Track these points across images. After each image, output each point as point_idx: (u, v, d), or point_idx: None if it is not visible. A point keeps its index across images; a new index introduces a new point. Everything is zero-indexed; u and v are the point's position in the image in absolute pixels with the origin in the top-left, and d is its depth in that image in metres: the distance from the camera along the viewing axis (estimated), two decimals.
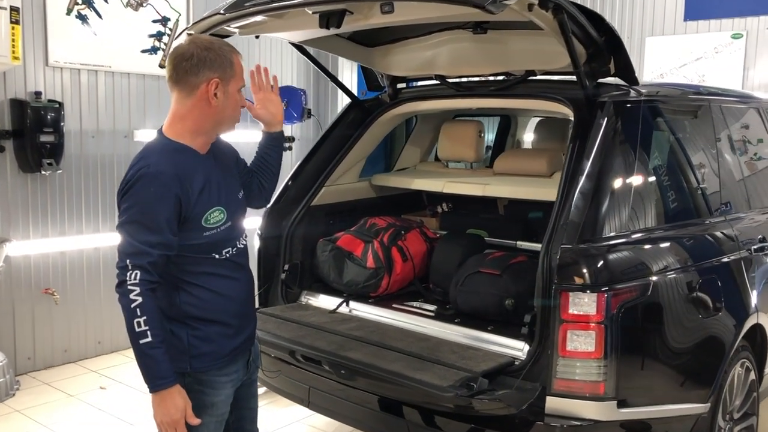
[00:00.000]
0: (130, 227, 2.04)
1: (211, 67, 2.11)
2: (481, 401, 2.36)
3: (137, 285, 1.99)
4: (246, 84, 2.26)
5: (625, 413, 2.50)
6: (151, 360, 2.02)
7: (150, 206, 2.04)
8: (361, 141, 3.61)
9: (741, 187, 3.51)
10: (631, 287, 2.52)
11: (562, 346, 2.43)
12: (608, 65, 2.86)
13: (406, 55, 3.39)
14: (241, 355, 2.31)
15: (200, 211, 2.12)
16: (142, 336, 1.99)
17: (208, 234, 2.15)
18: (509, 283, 2.91)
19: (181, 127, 2.17)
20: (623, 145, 2.77)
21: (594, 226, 2.57)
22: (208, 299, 2.18)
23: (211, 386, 2.23)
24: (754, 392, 3.29)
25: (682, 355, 2.73)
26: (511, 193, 3.37)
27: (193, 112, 2.15)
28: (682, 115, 3.21)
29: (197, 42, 2.15)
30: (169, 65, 2.15)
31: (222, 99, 2.14)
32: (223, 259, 2.21)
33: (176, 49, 2.16)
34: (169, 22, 5.43)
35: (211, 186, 2.16)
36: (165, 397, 2.05)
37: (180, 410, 2.06)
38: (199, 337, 2.18)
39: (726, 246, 3.09)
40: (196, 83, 2.11)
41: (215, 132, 2.25)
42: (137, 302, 1.99)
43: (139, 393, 4.50)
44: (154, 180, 2.04)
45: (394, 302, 3.25)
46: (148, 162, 2.09)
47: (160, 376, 2.03)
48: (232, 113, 2.22)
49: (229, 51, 2.17)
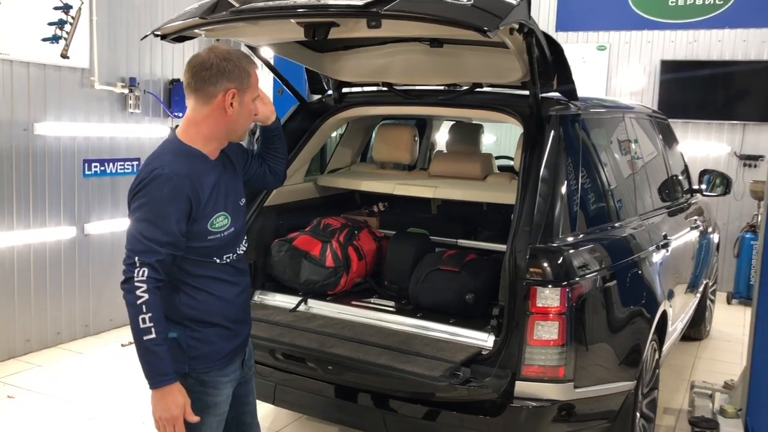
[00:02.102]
0: (141, 225, 2.09)
1: (230, 77, 2.17)
2: (470, 388, 2.60)
3: (144, 282, 2.04)
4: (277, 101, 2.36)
5: (579, 392, 2.84)
6: (154, 356, 2.06)
7: (161, 206, 2.09)
8: (309, 143, 3.71)
9: (648, 190, 4.01)
10: (584, 282, 2.86)
11: (530, 335, 2.72)
12: (552, 81, 3.19)
13: (358, 62, 3.54)
14: (237, 357, 2.39)
15: (208, 213, 2.19)
16: (146, 332, 2.03)
17: (212, 238, 2.22)
18: (468, 279, 3.17)
19: (195, 133, 2.22)
20: (568, 154, 3.10)
21: (551, 228, 2.87)
22: (208, 302, 2.25)
23: (214, 386, 2.29)
24: (657, 369, 3.79)
25: (619, 339, 3.12)
26: (461, 195, 3.62)
27: (208, 119, 2.21)
28: (608, 127, 3.62)
29: (216, 52, 2.20)
30: (188, 73, 2.20)
31: (237, 108, 2.21)
32: (223, 264, 2.28)
33: (195, 58, 2.21)
34: (71, 9, 5.18)
35: (219, 191, 2.23)
36: (165, 393, 2.10)
37: (179, 407, 2.11)
38: (198, 339, 2.24)
39: (644, 243, 3.53)
40: (213, 92, 2.17)
41: (227, 139, 2.31)
42: (143, 299, 2.03)
43: (51, 399, 4.34)
44: (167, 181, 2.10)
45: (351, 299, 3.40)
46: (162, 163, 2.14)
47: (162, 373, 2.09)
48: (245, 122, 2.29)
49: (248, 63, 2.24)
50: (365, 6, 2.34)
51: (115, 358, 5.12)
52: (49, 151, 5.13)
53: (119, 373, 4.81)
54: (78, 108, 5.31)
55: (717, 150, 7.81)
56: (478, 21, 2.25)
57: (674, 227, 4.25)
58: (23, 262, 5.00)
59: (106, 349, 5.30)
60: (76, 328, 5.46)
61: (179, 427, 2.13)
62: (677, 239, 4.21)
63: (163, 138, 2.35)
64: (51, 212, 5.17)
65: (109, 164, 5.60)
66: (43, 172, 5.09)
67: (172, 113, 6.00)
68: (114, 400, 4.38)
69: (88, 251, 5.50)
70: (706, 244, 5.31)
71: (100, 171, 5.53)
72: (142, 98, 5.74)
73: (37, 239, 5.07)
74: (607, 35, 8.36)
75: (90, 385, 4.61)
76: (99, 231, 5.54)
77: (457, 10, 2.29)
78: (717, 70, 7.74)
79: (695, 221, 4.97)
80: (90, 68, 5.34)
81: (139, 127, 5.78)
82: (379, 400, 2.89)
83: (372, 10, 2.33)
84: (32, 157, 5.00)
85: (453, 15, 2.29)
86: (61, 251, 5.28)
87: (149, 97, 5.84)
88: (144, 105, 5.79)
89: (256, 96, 2.30)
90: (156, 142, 5.79)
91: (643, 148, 4.14)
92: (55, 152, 5.17)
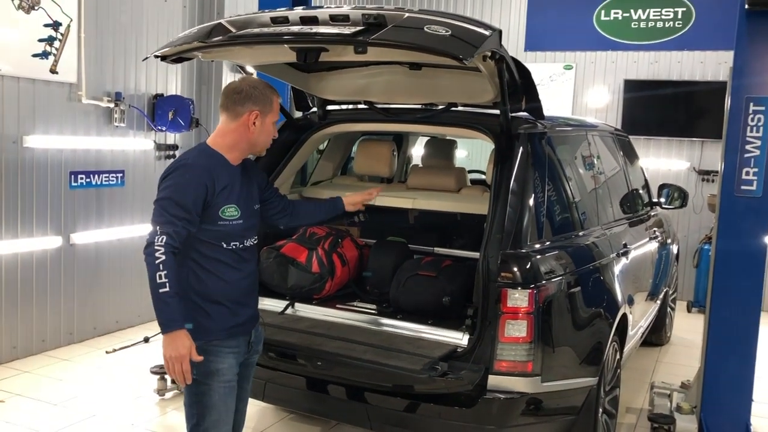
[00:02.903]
0: (165, 202, 2.52)
1: (255, 101, 2.63)
2: (447, 380, 2.85)
3: (162, 246, 2.44)
4: (281, 118, 2.74)
5: (546, 386, 3.10)
6: (167, 306, 2.43)
7: (183, 188, 2.53)
8: (295, 157, 3.96)
9: (609, 202, 4.32)
10: (550, 285, 3.14)
11: (502, 333, 2.99)
12: (521, 102, 3.48)
13: (342, 82, 3.80)
14: (241, 334, 2.73)
15: (220, 202, 2.59)
16: (162, 286, 2.41)
17: (221, 224, 2.61)
18: (445, 283, 3.42)
19: (222, 141, 2.69)
20: (536, 169, 3.39)
21: (520, 235, 3.15)
22: (211, 281, 2.63)
23: (215, 354, 2.63)
24: (619, 369, 4.08)
25: (582, 338, 3.40)
26: (438, 206, 3.88)
27: (234, 132, 2.66)
28: (572, 144, 3.92)
29: (247, 81, 2.68)
30: (223, 96, 2.69)
31: (259, 127, 2.67)
32: (229, 249, 2.65)
33: (230, 85, 2.71)
34: (60, 26, 5.36)
35: (233, 188, 2.63)
36: (175, 337, 2.45)
37: (187, 347, 2.46)
38: (201, 313, 2.61)
39: (606, 250, 3.83)
40: (240, 112, 2.64)
41: (248, 151, 2.73)
42: (161, 259, 2.42)
43: (41, 403, 4.49)
44: (190, 169, 2.58)
45: (336, 303, 3.64)
46: (188, 157, 2.66)
47: (173, 319, 2.45)
48: (265, 139, 2.75)
49: (271, 92, 2.69)
50: (355, 35, 2.61)
51: (101, 364, 5.27)
52: (37, 163, 5.29)
53: (106, 378, 4.97)
54: (65, 121, 5.48)
55: (677, 165, 8.22)
56: (456, 50, 2.53)
57: (634, 237, 4.57)
58: (10, 272, 5.14)
59: (91, 355, 5.45)
60: (60, 335, 5.60)
61: (186, 366, 2.47)
62: (637, 248, 4.52)
63: (146, 150, 2.80)
64: (38, 222, 5.32)
65: (94, 176, 5.76)
66: (31, 183, 5.25)
67: (155, 127, 6.19)
68: (103, 403, 4.54)
69: (74, 261, 5.65)
70: (665, 254, 5.64)
71: (86, 182, 5.70)
72: (127, 112, 5.92)
73: (25, 249, 5.21)
74: (574, 55, 8.75)
75: (78, 389, 4.76)
76: (84, 241, 5.70)
77: (437, 39, 2.56)
78: (677, 90, 8.16)
79: (655, 232, 5.30)
80: (78, 83, 5.52)
81: (123, 140, 5.96)
82: (363, 394, 3.13)
83: (360, 39, 2.59)
84: (21, 169, 5.16)
85: (434, 44, 2.57)
86: (47, 260, 5.42)
87: (134, 111, 6.03)
88: (129, 119, 5.97)
89: (276, 119, 2.71)
90: (140, 154, 6.10)
91: (605, 164, 4.46)
92: (43, 164, 5.33)
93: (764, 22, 3.76)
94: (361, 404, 3.14)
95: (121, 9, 5.86)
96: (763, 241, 3.90)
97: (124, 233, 6.03)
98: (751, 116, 3.83)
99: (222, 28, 2.98)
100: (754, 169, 3.84)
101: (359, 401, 3.15)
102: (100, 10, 5.68)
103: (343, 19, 2.73)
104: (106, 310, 5.99)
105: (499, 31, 2.77)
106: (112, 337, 5.91)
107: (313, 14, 2.80)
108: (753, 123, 3.83)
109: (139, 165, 6.13)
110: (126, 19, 5.92)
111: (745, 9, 3.74)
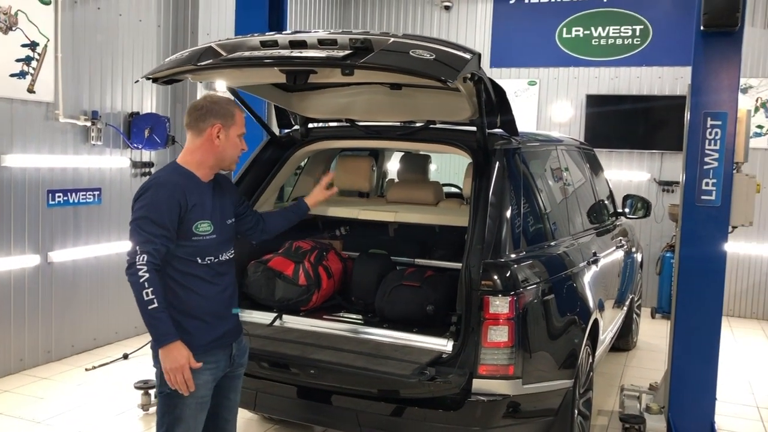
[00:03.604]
0: (141, 221, 2.59)
1: (216, 115, 2.72)
2: (436, 383, 3.00)
3: (145, 264, 2.51)
4: (246, 132, 2.78)
5: (526, 388, 3.27)
6: (158, 321, 2.52)
7: (158, 206, 2.60)
8: (279, 173, 4.08)
9: (578, 212, 4.53)
10: (528, 292, 3.31)
11: (485, 338, 3.15)
12: (496, 119, 3.67)
13: (324, 101, 3.95)
14: (219, 349, 2.79)
15: (193, 218, 2.67)
16: (150, 303, 2.49)
17: (195, 239, 2.68)
18: (428, 293, 3.58)
19: (191, 159, 2.76)
20: (511, 183, 3.57)
21: (499, 246, 3.32)
22: (188, 297, 2.70)
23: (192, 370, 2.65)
24: (591, 372, 4.28)
25: (558, 342, 3.58)
26: (419, 219, 4.03)
27: (200, 148, 2.74)
28: (543, 158, 4.13)
29: (208, 98, 2.76)
30: (186, 115, 2.75)
31: (224, 141, 2.74)
32: (204, 264, 2.73)
33: (192, 103, 2.77)
34: (38, 47, 5.41)
35: (204, 204, 2.71)
36: (171, 349, 2.54)
37: (185, 357, 2.55)
38: (179, 329, 2.63)
39: (577, 259, 4.03)
40: (203, 127, 2.72)
41: (218, 166, 2.80)
42: (145, 277, 2.50)
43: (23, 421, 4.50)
44: (162, 187, 2.65)
45: (323, 314, 3.77)
46: (159, 175, 2.73)
47: (166, 333, 2.54)
48: (232, 153, 2.80)
49: (233, 106, 2.79)
50: (345, 58, 2.76)
51: (81, 381, 5.29)
52: (15, 182, 5.31)
53: (88, 395, 5.00)
54: (43, 140, 5.52)
55: (638, 177, 8.54)
56: (440, 73, 2.70)
57: (602, 246, 4.79)
58: None
59: (71, 373, 5.46)
60: (39, 354, 5.60)
61: (187, 374, 2.56)
62: (605, 257, 4.74)
63: (123, 168, 2.88)
64: (16, 241, 5.34)
65: (72, 194, 5.80)
66: (9, 202, 5.27)
67: (131, 144, 6.25)
68: (87, 420, 4.58)
69: (51, 279, 5.66)
70: (630, 262, 5.89)
71: (63, 201, 5.73)
72: (103, 130, 5.98)
73: (2, 267, 5.22)
74: (537, 71, 9.04)
75: (61, 407, 4.78)
76: (62, 259, 5.72)
77: (422, 63, 2.73)
78: (637, 104, 8.50)
79: (620, 241, 5.54)
80: (55, 102, 5.57)
81: (100, 158, 6.01)
82: (353, 401, 3.26)
83: (351, 62, 2.75)
84: None
85: (419, 68, 2.73)
86: (25, 279, 5.43)
87: (110, 129, 6.08)
88: (105, 137, 6.03)
89: (242, 133, 2.78)
90: (116, 172, 6.16)
91: (573, 176, 4.68)
92: (21, 183, 5.36)
93: (718, 43, 4.01)
94: (352, 410, 3.27)
95: (97, 29, 5.93)
96: (723, 248, 4.13)
97: (101, 251, 6.06)
98: (708, 130, 4.07)
99: (213, 51, 3.10)
100: (713, 180, 4.08)
101: (350, 407, 3.27)
102: (77, 30, 5.74)
103: (331, 44, 2.88)
104: (83, 327, 6.00)
105: (478, 55, 2.95)
106: (91, 355, 5.92)
107: (302, 38, 2.94)
108: (711, 137, 4.07)
109: (115, 183, 6.18)
110: (102, 38, 5.99)
111: (700, 30, 3.99)
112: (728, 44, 4.01)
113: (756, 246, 8.13)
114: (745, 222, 4.17)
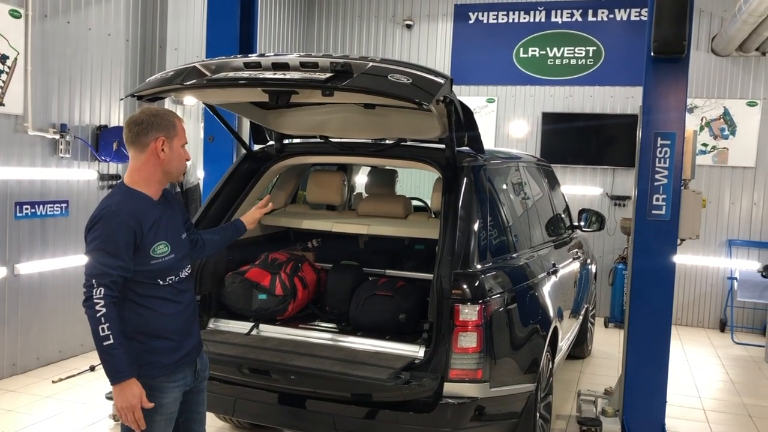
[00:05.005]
0: (96, 254, 2.55)
1: (158, 128, 2.69)
2: (411, 386, 3.18)
3: (102, 299, 2.49)
4: (189, 142, 2.86)
5: (494, 392, 3.47)
6: (113, 358, 2.52)
7: (111, 237, 2.56)
8: (255, 187, 4.23)
9: (538, 225, 4.78)
10: (494, 300, 3.52)
11: (455, 344, 3.34)
12: (464, 137, 3.89)
13: (299, 118, 4.11)
14: (186, 365, 2.83)
15: (149, 242, 2.66)
16: (105, 339, 2.49)
17: (154, 263, 2.68)
18: (401, 302, 3.77)
19: (138, 177, 2.71)
20: (478, 198, 3.79)
21: (468, 257, 3.53)
22: (153, 318, 2.70)
23: (160, 390, 2.72)
24: (551, 377, 4.51)
25: (521, 348, 3.80)
26: (390, 231, 4.22)
27: (146, 164, 2.71)
28: (505, 174, 4.37)
29: (146, 111, 2.74)
30: (125, 130, 2.72)
31: (168, 153, 2.70)
32: (166, 285, 2.73)
33: (130, 118, 2.73)
34: (8, 60, 5.44)
35: (159, 225, 2.71)
36: (124, 387, 2.54)
37: (137, 397, 2.56)
38: (146, 350, 2.68)
39: (537, 270, 4.27)
40: (146, 141, 2.68)
41: (165, 180, 2.80)
42: (102, 312, 2.48)
43: None
44: (115, 216, 2.58)
45: (299, 323, 3.92)
46: (111, 203, 2.64)
47: (120, 370, 2.54)
48: (177, 165, 2.77)
49: (173, 116, 2.77)
50: (326, 81, 2.93)
51: (48, 393, 5.29)
52: None
53: (56, 407, 5.02)
54: (11, 152, 5.54)
55: (592, 191, 8.90)
56: (417, 96, 2.91)
57: (560, 258, 5.05)
58: None
59: (37, 385, 5.46)
60: (4, 367, 5.59)
61: (138, 414, 2.57)
62: (563, 268, 5.00)
63: (90, 181, 2.85)
64: None
65: (39, 206, 5.82)
66: None
67: (99, 157, 6.29)
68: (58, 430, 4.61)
69: (18, 291, 5.66)
70: (585, 273, 6.19)
71: (30, 213, 5.74)
72: (72, 143, 6.02)
73: None
74: (496, 89, 9.36)
75: (30, 419, 4.79)
76: (29, 271, 5.72)
77: (399, 87, 2.93)
78: (590, 122, 8.87)
79: (577, 253, 5.82)
80: (24, 115, 5.59)
81: (68, 171, 6.04)
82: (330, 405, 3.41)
83: (333, 84, 2.92)
84: None
85: (397, 91, 2.93)
86: None
87: (78, 142, 6.12)
88: (74, 150, 6.06)
89: (185, 143, 2.79)
90: (84, 184, 6.21)
91: (532, 191, 4.94)
92: None
93: (667, 68, 4.31)
94: (329, 414, 3.42)
95: (66, 43, 5.98)
96: (673, 260, 4.40)
97: (67, 263, 6.08)
98: (659, 149, 4.35)
99: (197, 71, 3.25)
100: (663, 196, 4.35)
101: (327, 411, 3.42)
102: (46, 44, 5.79)
103: (313, 66, 3.06)
104: (49, 339, 6.00)
105: (450, 79, 3.17)
106: (56, 367, 5.92)
107: (285, 60, 3.11)
108: (661, 155, 4.35)
109: (83, 195, 6.21)
110: (71, 52, 6.04)
111: (651, 56, 4.28)
112: (676, 69, 4.30)
113: (702, 258, 8.56)
114: (692, 235, 4.44)
